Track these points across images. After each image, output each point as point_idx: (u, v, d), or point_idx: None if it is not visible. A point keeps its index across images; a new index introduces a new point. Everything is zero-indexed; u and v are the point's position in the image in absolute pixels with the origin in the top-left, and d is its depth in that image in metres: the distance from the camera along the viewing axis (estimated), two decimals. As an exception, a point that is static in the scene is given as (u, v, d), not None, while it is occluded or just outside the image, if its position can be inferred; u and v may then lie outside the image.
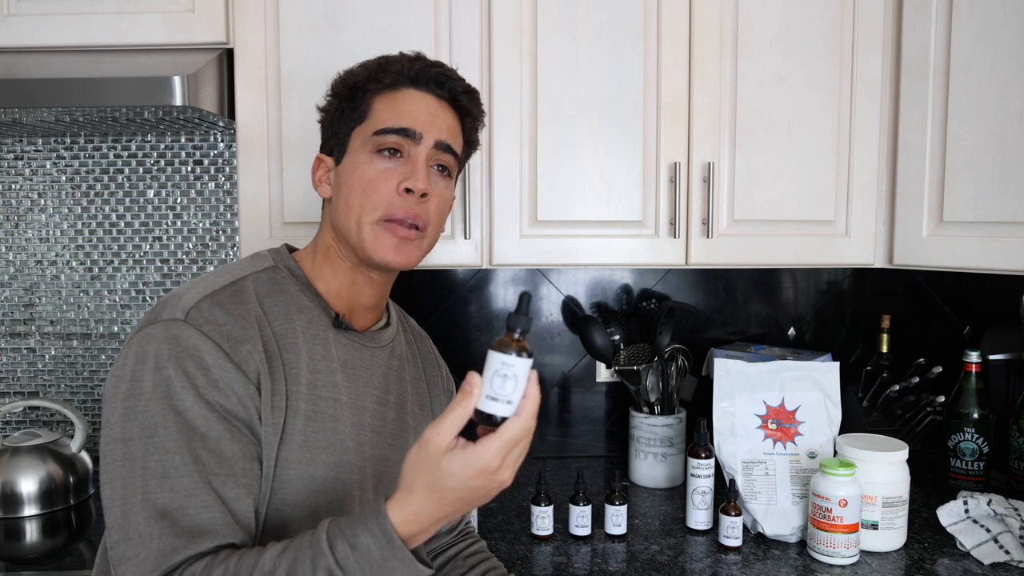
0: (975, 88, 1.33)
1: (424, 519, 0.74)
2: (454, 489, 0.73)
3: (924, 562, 1.28)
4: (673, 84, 1.41)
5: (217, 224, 1.76)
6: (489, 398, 0.73)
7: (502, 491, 0.76)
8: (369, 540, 0.73)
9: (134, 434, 0.79)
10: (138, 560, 0.76)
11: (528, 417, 0.74)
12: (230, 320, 0.85)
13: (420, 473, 0.74)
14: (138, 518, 0.77)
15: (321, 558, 0.73)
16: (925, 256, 1.40)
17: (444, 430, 0.73)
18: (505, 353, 0.73)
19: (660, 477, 1.64)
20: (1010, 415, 1.55)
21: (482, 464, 0.72)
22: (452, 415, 0.73)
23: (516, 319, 0.74)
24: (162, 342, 0.82)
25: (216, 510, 0.79)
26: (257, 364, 0.85)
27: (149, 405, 0.80)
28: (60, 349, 1.77)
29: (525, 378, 0.74)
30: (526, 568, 1.27)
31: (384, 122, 0.94)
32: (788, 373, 1.44)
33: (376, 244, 0.93)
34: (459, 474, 0.72)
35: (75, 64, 1.34)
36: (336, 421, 0.92)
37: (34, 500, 1.48)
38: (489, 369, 0.73)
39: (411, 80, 0.96)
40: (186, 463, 0.79)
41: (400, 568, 0.73)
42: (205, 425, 0.81)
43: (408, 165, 0.94)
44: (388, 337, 1.04)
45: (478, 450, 0.72)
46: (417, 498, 0.74)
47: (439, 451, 0.72)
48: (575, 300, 1.82)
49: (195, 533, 0.77)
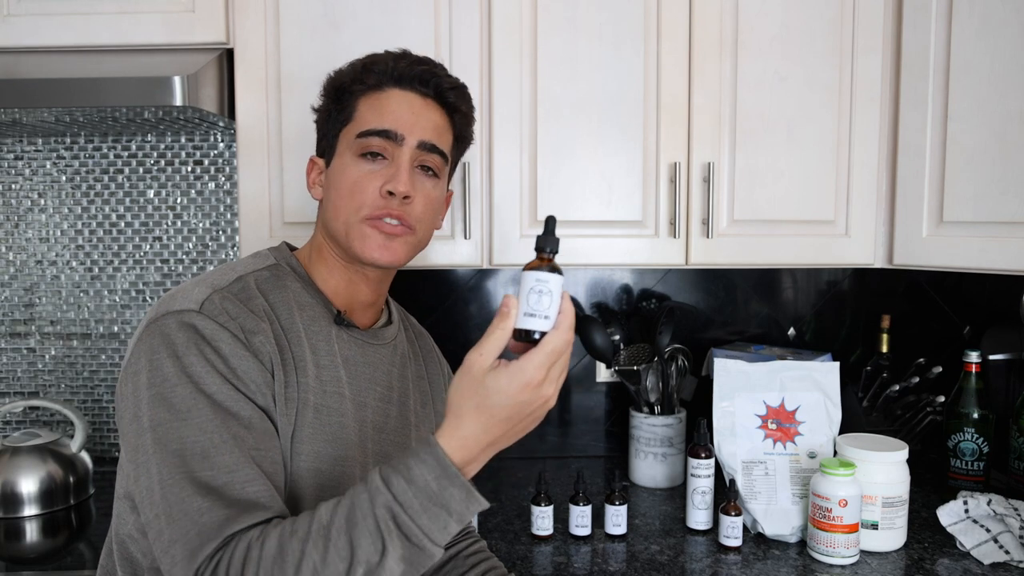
0: (975, 88, 1.33)
1: (474, 443, 0.75)
2: (502, 406, 0.74)
3: (924, 562, 1.28)
4: (673, 84, 1.41)
5: (217, 224, 1.76)
6: (527, 315, 0.75)
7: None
8: (424, 470, 0.73)
9: (164, 419, 0.78)
10: (188, 538, 0.74)
11: (566, 329, 0.76)
12: (242, 312, 0.85)
13: (466, 396, 0.75)
14: (182, 496, 0.75)
15: (379, 495, 0.73)
16: (925, 256, 1.40)
17: (486, 351, 0.75)
18: (539, 271, 0.76)
19: (660, 477, 1.64)
20: (1010, 415, 1.55)
21: (527, 377, 0.73)
22: (493, 336, 0.75)
23: (545, 239, 0.79)
24: (178, 331, 0.82)
25: (261, 483, 0.79)
26: (271, 354, 0.86)
27: (176, 390, 0.79)
28: (60, 349, 1.77)
29: (559, 294, 0.77)
30: (526, 568, 1.27)
31: (367, 124, 0.94)
32: (788, 373, 1.44)
33: (364, 243, 0.93)
34: (505, 390, 0.73)
35: (75, 64, 1.34)
36: (342, 416, 0.93)
37: (34, 500, 1.48)
38: (525, 288, 0.76)
39: (395, 80, 0.95)
40: (225, 440, 0.78)
41: (458, 496, 0.73)
42: (235, 405, 0.81)
43: (392, 167, 0.93)
44: (390, 335, 1.05)
45: (522, 364, 0.74)
46: (465, 422, 0.75)
47: (483, 371, 0.74)
48: (575, 300, 1.82)
49: (246, 505, 0.76)
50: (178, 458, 0.77)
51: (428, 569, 1.04)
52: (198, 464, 0.77)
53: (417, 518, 0.72)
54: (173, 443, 0.78)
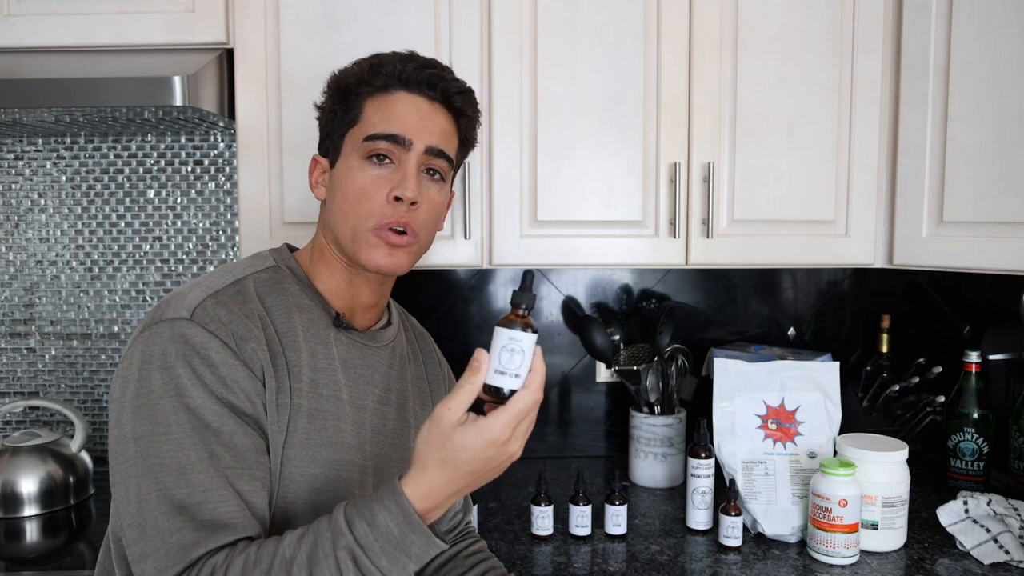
0: (975, 88, 1.33)
1: (438, 493, 0.76)
2: (467, 461, 0.75)
3: (924, 562, 1.28)
4: (673, 84, 1.41)
5: (217, 224, 1.76)
6: (497, 372, 0.75)
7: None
8: (387, 517, 0.74)
9: (145, 432, 0.79)
10: (158, 556, 0.76)
11: (536, 389, 0.76)
12: (235, 318, 0.85)
13: (432, 448, 0.75)
14: (155, 514, 0.77)
15: (341, 538, 0.74)
16: (925, 256, 1.40)
17: (455, 405, 0.75)
18: (512, 328, 0.76)
19: (660, 477, 1.64)
20: (1010, 415, 1.55)
21: (494, 435, 0.74)
22: (462, 391, 0.75)
23: (521, 295, 0.78)
24: (168, 341, 0.82)
25: (234, 504, 0.79)
26: (262, 362, 0.86)
27: (159, 403, 0.80)
28: (60, 349, 1.77)
29: (531, 352, 0.76)
30: (526, 568, 1.27)
31: (374, 127, 0.93)
32: (788, 373, 1.44)
33: (370, 252, 0.93)
34: (471, 446, 0.74)
35: (75, 64, 1.34)
36: (338, 419, 0.92)
37: (34, 500, 1.48)
38: (497, 345, 0.76)
39: (402, 82, 0.94)
40: (201, 459, 0.79)
41: (418, 543, 0.75)
42: (217, 421, 0.81)
43: (399, 172, 0.93)
44: (389, 336, 1.04)
45: (489, 422, 0.74)
46: (431, 473, 0.75)
47: (451, 425, 0.74)
48: (575, 300, 1.82)
49: (214, 527, 0.77)
50: (155, 473, 0.78)
51: (428, 569, 1.05)
52: (173, 481, 0.78)
53: (377, 560, 0.74)
54: (152, 457, 0.79)
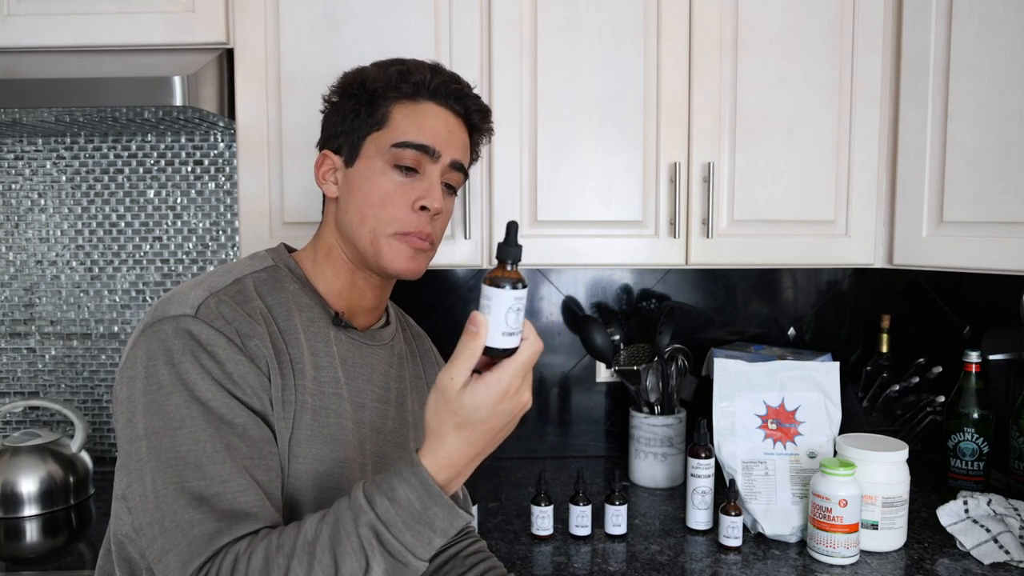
0: (975, 88, 1.33)
1: (458, 460, 0.75)
2: (483, 420, 0.74)
3: (924, 562, 1.28)
4: (673, 84, 1.41)
5: (217, 224, 1.76)
6: (505, 335, 0.74)
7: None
8: (407, 491, 0.73)
9: (158, 428, 0.79)
10: (179, 549, 0.75)
11: (536, 338, 0.76)
12: (238, 316, 0.85)
13: (445, 417, 0.74)
14: (174, 508, 0.77)
15: (362, 515, 0.73)
16: (925, 256, 1.40)
17: (457, 373, 0.74)
18: (513, 288, 0.73)
19: (660, 477, 1.64)
20: (1010, 415, 1.55)
21: (504, 386, 0.73)
22: (463, 356, 0.74)
23: (508, 250, 0.74)
24: (174, 337, 0.82)
25: (253, 493, 0.79)
26: (267, 358, 0.86)
27: (170, 398, 0.80)
28: (60, 349, 1.77)
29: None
30: (526, 568, 1.27)
31: (404, 135, 0.93)
32: (788, 373, 1.44)
33: (392, 256, 0.94)
34: (484, 403, 0.73)
35: (75, 64, 1.34)
36: (340, 417, 0.93)
37: (34, 500, 1.48)
38: (501, 306, 0.73)
39: (431, 93, 0.95)
40: (218, 450, 0.79)
41: (441, 515, 0.74)
42: (230, 413, 0.81)
43: (424, 182, 0.94)
44: (388, 336, 1.05)
45: (498, 375, 0.74)
46: (448, 441, 0.75)
47: (456, 391, 0.74)
48: (575, 300, 1.82)
49: (236, 516, 0.77)
50: (171, 467, 0.78)
51: (428, 569, 1.05)
52: (191, 474, 0.78)
53: (400, 535, 0.73)
54: (167, 452, 0.78)
